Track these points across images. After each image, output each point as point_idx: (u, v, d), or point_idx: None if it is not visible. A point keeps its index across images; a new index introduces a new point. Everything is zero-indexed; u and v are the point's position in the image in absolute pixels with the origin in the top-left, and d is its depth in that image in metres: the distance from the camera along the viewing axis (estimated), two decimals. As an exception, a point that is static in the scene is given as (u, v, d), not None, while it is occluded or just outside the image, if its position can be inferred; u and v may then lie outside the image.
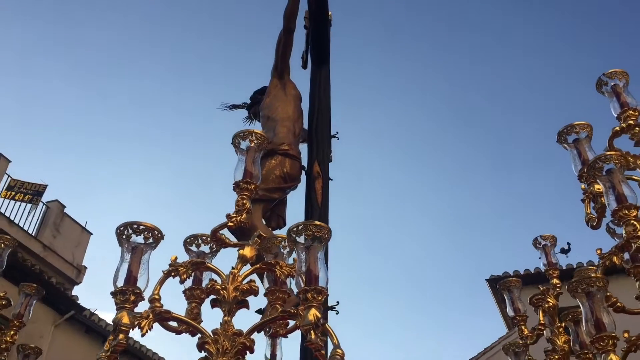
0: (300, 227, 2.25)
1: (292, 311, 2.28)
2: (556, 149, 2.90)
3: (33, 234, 13.39)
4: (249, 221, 3.21)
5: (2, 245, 3.42)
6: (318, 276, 2.21)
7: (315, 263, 2.24)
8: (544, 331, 3.58)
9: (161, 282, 2.48)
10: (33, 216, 13.39)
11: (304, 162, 3.62)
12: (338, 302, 3.20)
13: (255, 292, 2.47)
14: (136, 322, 2.20)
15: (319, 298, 2.16)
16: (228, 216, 2.56)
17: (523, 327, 3.66)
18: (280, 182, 3.34)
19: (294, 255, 2.38)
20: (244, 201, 2.57)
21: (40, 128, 29.13)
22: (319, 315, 2.14)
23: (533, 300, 3.68)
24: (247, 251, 2.55)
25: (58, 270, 13.23)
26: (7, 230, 12.72)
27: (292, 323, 2.51)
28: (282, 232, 3.52)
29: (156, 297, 2.39)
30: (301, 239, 2.25)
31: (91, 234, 14.92)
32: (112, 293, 2.16)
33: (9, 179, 13.50)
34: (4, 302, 3.73)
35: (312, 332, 2.11)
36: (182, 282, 2.50)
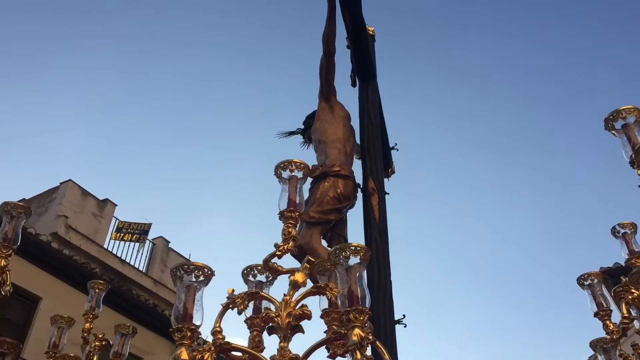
0: (338, 250, 2.32)
1: (343, 331, 2.35)
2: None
3: (143, 271, 14.24)
4: (307, 245, 3.33)
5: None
6: (359, 296, 2.27)
7: (355, 284, 2.29)
8: (633, 323, 3.42)
9: (221, 315, 2.62)
10: (141, 254, 14.28)
11: (359, 178, 3.68)
12: (404, 316, 3.23)
13: (308, 317, 2.56)
14: (198, 356, 2.35)
15: (361, 318, 2.21)
16: (276, 245, 2.68)
17: (608, 322, 3.52)
18: (336, 203, 3.42)
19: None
20: (290, 230, 2.67)
21: (135, 167, 30.94)
22: (363, 335, 2.20)
23: (616, 292, 3.52)
24: (298, 277, 2.65)
25: (170, 303, 13.97)
26: (120, 269, 13.64)
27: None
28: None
29: (217, 329, 2.54)
30: (341, 261, 2.32)
31: (196, 264, 15.59)
32: (171, 331, 2.31)
33: (117, 221, 14.48)
34: (103, 343, 4.04)
35: (357, 352, 2.17)
36: (239, 313, 2.63)
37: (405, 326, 3.22)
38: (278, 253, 2.66)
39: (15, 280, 11.82)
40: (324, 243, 3.52)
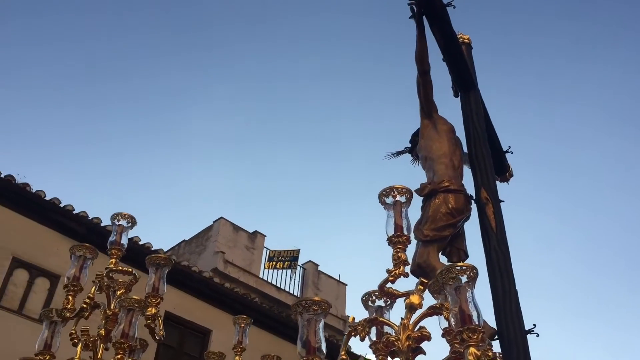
0: (445, 271, 2.37)
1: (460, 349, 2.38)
2: None
3: (298, 296, 14.82)
4: (426, 264, 3.38)
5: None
6: (471, 315, 2.30)
7: (466, 302, 2.33)
8: None
9: (345, 343, 2.77)
10: (294, 279, 14.88)
11: (471, 189, 3.67)
12: (535, 325, 3.17)
13: (428, 338, 2.61)
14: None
15: (475, 337, 2.23)
16: (388, 271, 2.77)
17: None
18: (449, 219, 3.43)
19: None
20: (399, 254, 2.76)
21: (276, 196, 32.21)
22: (479, 354, 2.22)
23: None
24: (414, 299, 2.72)
25: (326, 324, 14.34)
26: (277, 296, 14.29)
27: None
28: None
29: (343, 357, 2.68)
30: (449, 282, 2.36)
31: (346, 284, 16.00)
32: (296, 365, 2.48)
33: (268, 251, 15.24)
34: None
35: (474, 370, 2.19)
36: (362, 339, 2.75)
37: (537, 335, 3.15)
38: (391, 278, 2.75)
39: (188, 316, 12.72)
40: (444, 259, 3.54)
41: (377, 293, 2.88)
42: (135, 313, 3.04)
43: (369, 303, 2.93)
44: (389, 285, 2.77)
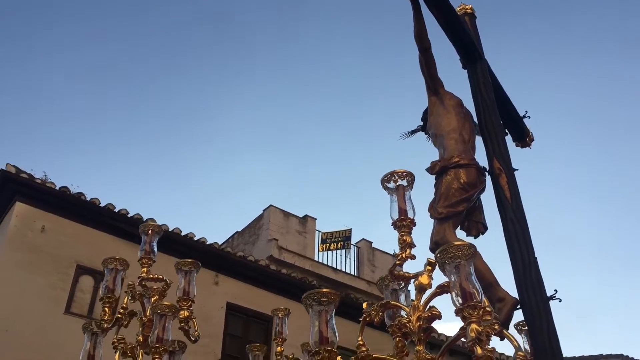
0: (442, 252, 2.42)
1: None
2: None
3: (355, 275, 14.97)
4: (443, 241, 3.42)
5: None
6: (471, 293, 2.34)
7: (466, 281, 2.37)
8: None
9: (361, 329, 2.85)
10: (348, 259, 15.03)
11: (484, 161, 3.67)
12: (556, 291, 3.17)
13: (438, 317, 2.67)
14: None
15: (475, 313, 2.28)
16: (396, 255, 2.84)
17: None
18: (462, 194, 3.44)
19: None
20: (405, 238, 2.81)
21: (321, 177, 32.28)
22: (480, 330, 2.26)
23: None
24: (423, 280, 2.78)
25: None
26: (334, 277, 14.50)
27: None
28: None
29: (360, 342, 2.77)
30: (446, 262, 2.41)
31: (401, 259, 15.99)
32: (309, 354, 2.60)
33: (320, 233, 15.44)
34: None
35: (477, 347, 2.25)
36: (377, 323, 2.83)
37: (560, 301, 3.16)
38: (398, 262, 2.82)
39: (249, 305, 13.03)
40: (463, 234, 3.57)
41: (388, 277, 2.95)
42: (168, 318, 3.21)
43: (383, 287, 3.01)
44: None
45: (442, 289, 2.70)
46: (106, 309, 3.29)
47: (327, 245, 15.03)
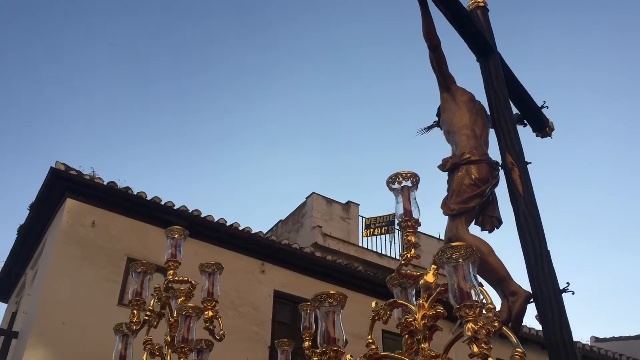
0: (441, 252, 2.48)
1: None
2: None
3: (400, 259, 14.94)
4: (455, 237, 3.47)
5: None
6: (469, 292, 2.40)
7: (464, 280, 2.43)
8: None
9: (371, 328, 2.94)
10: (393, 243, 15.04)
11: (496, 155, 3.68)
12: (568, 283, 3.20)
13: (443, 315, 2.73)
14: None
15: (472, 313, 2.34)
16: (401, 255, 2.91)
17: None
18: (474, 190, 3.47)
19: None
20: (409, 237, 2.88)
21: (360, 162, 32.09)
22: (476, 328, 2.32)
23: None
24: (428, 278, 2.84)
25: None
26: (379, 262, 14.55)
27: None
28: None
29: (370, 340, 2.86)
30: (445, 261, 2.47)
31: (447, 241, 15.95)
32: (317, 354, 2.69)
33: (364, 219, 15.50)
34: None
35: (473, 345, 2.31)
36: (385, 322, 2.91)
37: (573, 293, 3.18)
38: (403, 262, 2.89)
39: (295, 292, 13.23)
40: (477, 229, 3.61)
41: (394, 277, 3.02)
42: (193, 319, 3.37)
43: (391, 286, 3.09)
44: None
45: (446, 288, 2.75)
46: (135, 312, 3.48)
47: (371, 230, 15.08)
